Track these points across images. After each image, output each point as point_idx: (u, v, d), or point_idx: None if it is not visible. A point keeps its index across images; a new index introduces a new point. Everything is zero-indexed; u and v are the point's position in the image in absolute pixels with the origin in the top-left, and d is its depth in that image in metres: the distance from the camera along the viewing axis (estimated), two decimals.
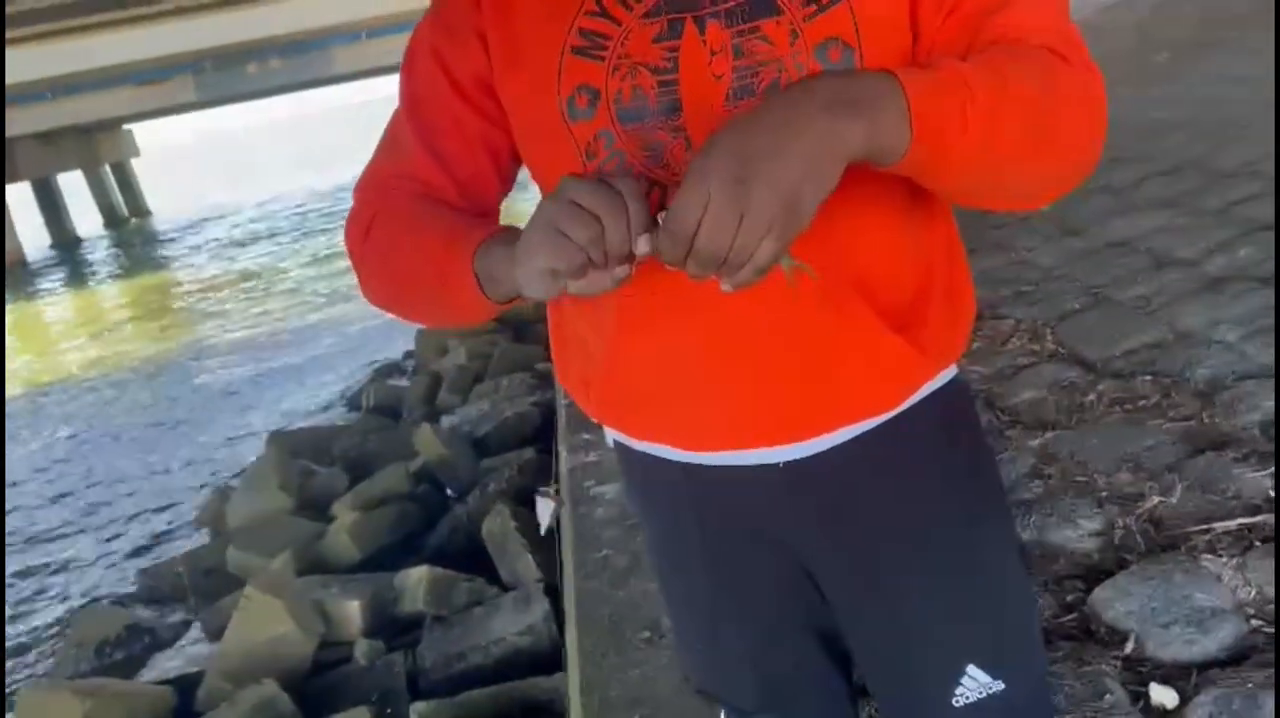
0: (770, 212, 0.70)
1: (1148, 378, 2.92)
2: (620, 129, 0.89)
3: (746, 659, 1.12)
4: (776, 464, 0.98)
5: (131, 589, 5.41)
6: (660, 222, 0.74)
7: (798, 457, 0.98)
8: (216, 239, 24.36)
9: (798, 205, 0.71)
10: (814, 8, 0.86)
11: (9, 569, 6.18)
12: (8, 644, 5.06)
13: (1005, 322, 3.62)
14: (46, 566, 6.28)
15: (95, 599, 5.44)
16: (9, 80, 20.32)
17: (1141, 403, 2.81)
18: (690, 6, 0.88)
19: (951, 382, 1.03)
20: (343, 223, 1.12)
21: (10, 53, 15.08)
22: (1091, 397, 2.93)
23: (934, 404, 1.01)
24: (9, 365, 13.80)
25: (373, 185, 1.03)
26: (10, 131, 24.43)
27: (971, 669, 1.04)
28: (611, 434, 1.10)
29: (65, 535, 6.78)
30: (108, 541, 6.52)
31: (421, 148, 1.00)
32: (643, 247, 0.75)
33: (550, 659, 3.32)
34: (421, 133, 1.00)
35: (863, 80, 0.74)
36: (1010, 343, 3.47)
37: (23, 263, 25.52)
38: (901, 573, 1.02)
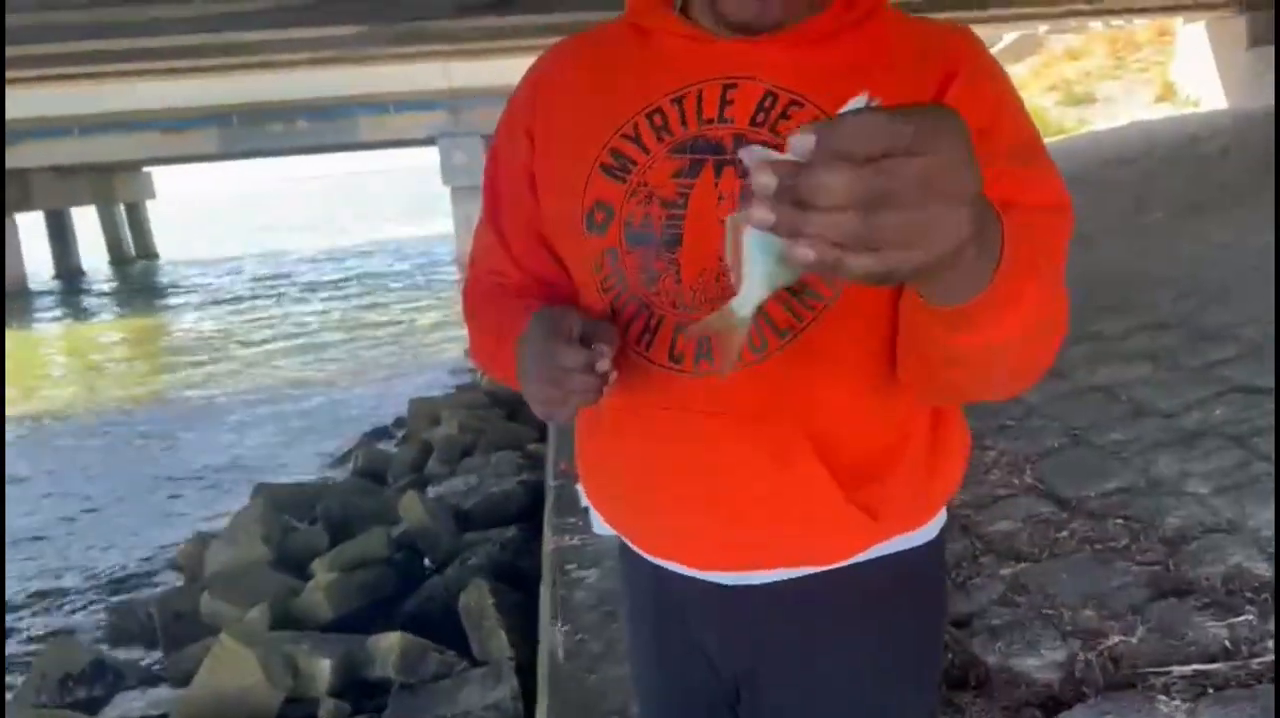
0: (956, 216, 0.56)
1: (1119, 521, 3.04)
2: (625, 250, 0.96)
3: None
4: (722, 584, 1.02)
5: (100, 626, 5.39)
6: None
7: (742, 583, 1.01)
8: (220, 289, 24.54)
9: (932, 263, 0.57)
10: None
11: None
12: None
13: (989, 453, 3.75)
14: (18, 594, 6.23)
15: (62, 633, 5.40)
16: (35, 115, 20.76)
17: (1111, 544, 2.92)
18: (714, 151, 0.93)
19: (915, 549, 1.04)
20: (348, 287, 1.23)
21: (37, 90, 15.46)
22: (1064, 533, 3.05)
23: (885, 567, 1.01)
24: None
25: (471, 270, 1.16)
26: (30, 164, 24.88)
27: None
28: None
29: (40, 567, 6.73)
30: (81, 575, 6.48)
31: (494, 237, 1.11)
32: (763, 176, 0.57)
33: None
34: (493, 223, 1.11)
35: (989, 205, 0.65)
36: (991, 473, 3.60)
37: (24, 290, 25.64)
38: None
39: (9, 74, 11.27)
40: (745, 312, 0.65)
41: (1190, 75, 14.26)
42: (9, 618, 5.85)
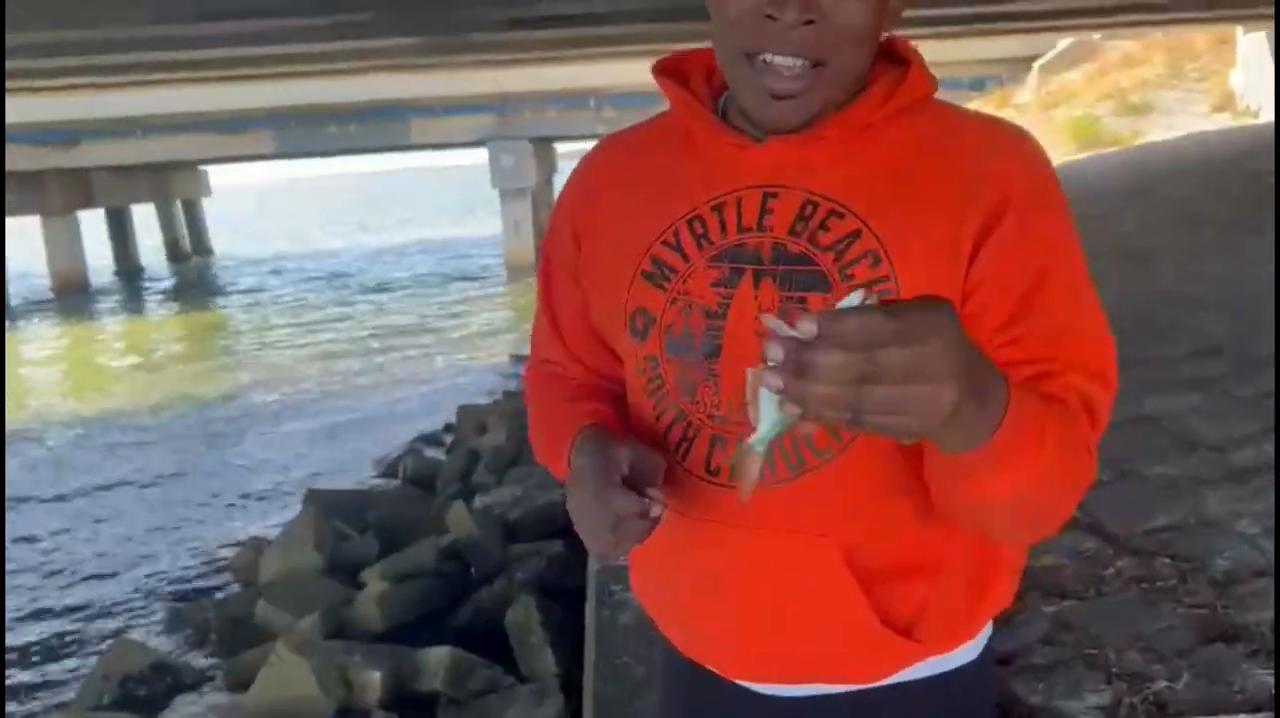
0: (937, 395, 0.64)
1: (1167, 560, 3.03)
2: (665, 357, 0.96)
3: None
4: (753, 691, 1.00)
5: (160, 628, 5.56)
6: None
7: (772, 694, 0.99)
8: (272, 287, 25.00)
9: (916, 429, 0.66)
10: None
11: (44, 597, 6.36)
12: (35, 673, 5.21)
13: None
14: (81, 594, 6.45)
15: (124, 633, 5.58)
16: (100, 116, 21.35)
17: (1159, 584, 2.91)
18: (753, 260, 0.92)
19: (956, 671, 1.00)
20: (398, 287, 1.23)
21: (102, 95, 15.92)
22: (1111, 571, 3.04)
23: (922, 692, 0.98)
24: (58, 389, 14.17)
25: (531, 353, 1.16)
26: (92, 163, 25.64)
27: None
28: None
29: (101, 567, 6.95)
30: (142, 576, 6.68)
31: (549, 327, 1.11)
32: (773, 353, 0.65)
33: None
34: (547, 314, 1.11)
35: (995, 374, 0.72)
36: None
37: (84, 286, 26.34)
38: None
39: (75, 79, 11.60)
40: (759, 448, 0.75)
41: (1250, 85, 13.98)
42: (69, 617, 6.05)
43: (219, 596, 5.78)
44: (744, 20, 0.88)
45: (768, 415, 0.71)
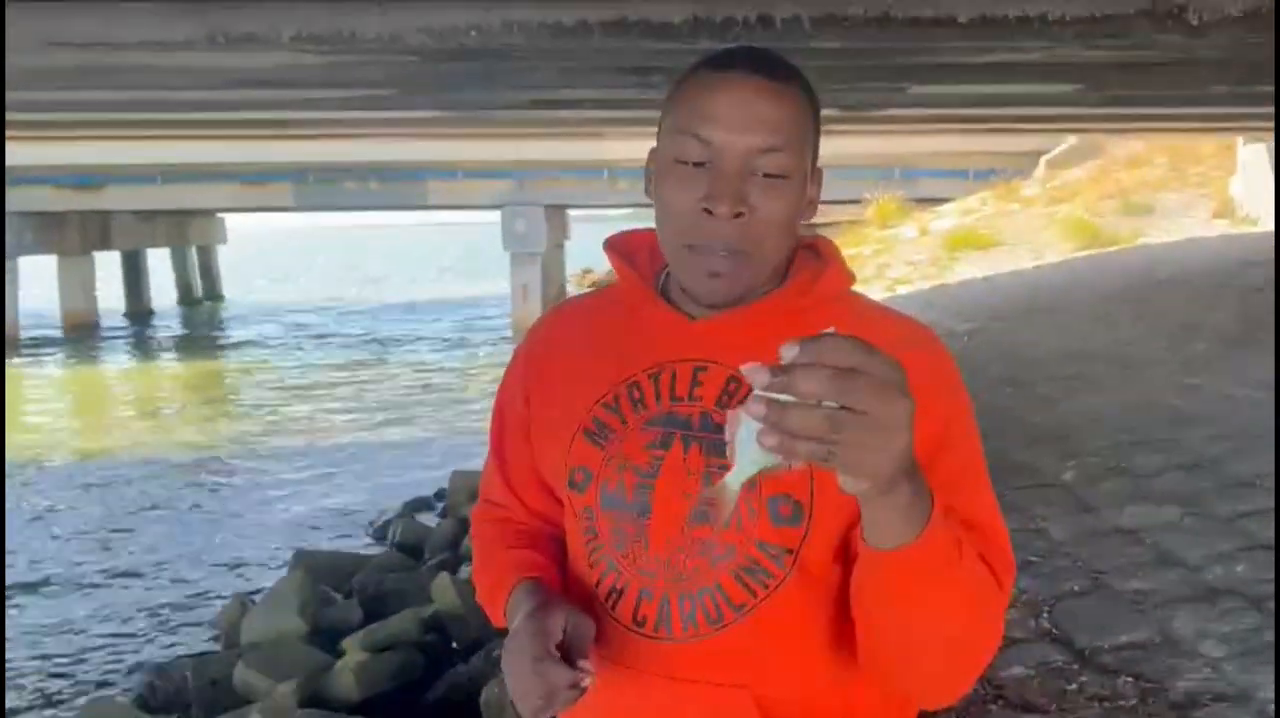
0: (875, 432, 0.71)
1: (1130, 679, 3.08)
2: (600, 511, 1.04)
3: None
4: None
5: (138, 686, 5.55)
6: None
7: None
8: (281, 337, 25.19)
9: (877, 463, 0.73)
10: None
11: (19, 646, 6.36)
12: None
13: None
14: (59, 645, 6.44)
15: (101, 688, 5.58)
16: (125, 162, 21.77)
17: (1120, 703, 2.96)
18: (683, 426, 1.02)
19: None
20: (404, 344, 1.32)
21: (128, 144, 16.29)
22: (1074, 686, 3.09)
23: None
24: (54, 431, 14.23)
25: (480, 497, 1.26)
26: (111, 207, 26.09)
27: None
28: None
29: (83, 614, 6.95)
30: (124, 627, 6.69)
31: (499, 473, 1.21)
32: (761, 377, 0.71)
33: None
34: (498, 459, 1.21)
35: (924, 481, 0.81)
36: (1010, 612, 3.65)
37: (94, 327, 26.57)
38: None
39: (103, 131, 11.90)
40: (735, 486, 0.79)
41: (1249, 194, 14.22)
42: (45, 669, 6.03)
43: (198, 654, 5.78)
44: (685, 214, 1.02)
45: (745, 453, 0.75)
